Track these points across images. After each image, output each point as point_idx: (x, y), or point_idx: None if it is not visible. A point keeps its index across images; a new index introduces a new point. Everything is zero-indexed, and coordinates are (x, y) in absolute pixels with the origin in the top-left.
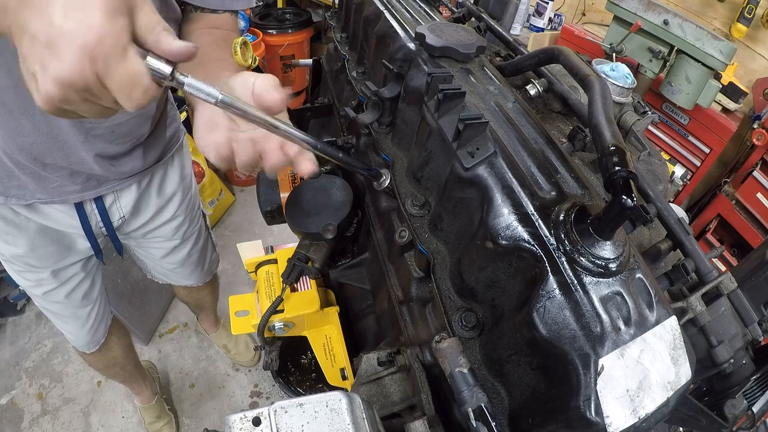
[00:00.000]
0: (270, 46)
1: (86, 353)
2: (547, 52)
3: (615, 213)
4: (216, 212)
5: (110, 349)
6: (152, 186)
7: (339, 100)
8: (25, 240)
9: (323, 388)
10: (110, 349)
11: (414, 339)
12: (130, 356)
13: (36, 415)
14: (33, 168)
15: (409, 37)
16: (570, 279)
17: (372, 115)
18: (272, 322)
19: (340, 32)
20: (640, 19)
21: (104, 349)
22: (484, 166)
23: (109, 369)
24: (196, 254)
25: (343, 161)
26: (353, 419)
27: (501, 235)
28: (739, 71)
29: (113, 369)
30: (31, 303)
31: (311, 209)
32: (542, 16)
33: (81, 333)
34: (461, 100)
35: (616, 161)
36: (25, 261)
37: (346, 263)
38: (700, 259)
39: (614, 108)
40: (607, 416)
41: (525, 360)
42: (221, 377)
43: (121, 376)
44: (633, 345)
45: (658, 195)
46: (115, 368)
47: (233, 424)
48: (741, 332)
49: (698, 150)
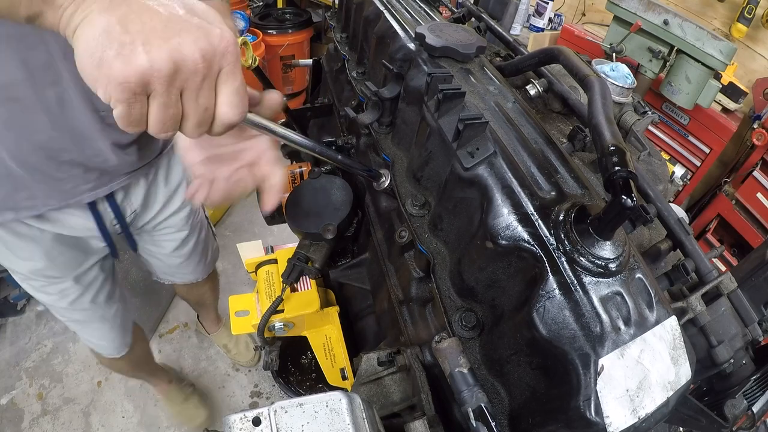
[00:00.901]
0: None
1: (116, 358)
2: (547, 52)
3: (615, 213)
4: (216, 212)
5: (136, 348)
6: (159, 177)
7: (339, 100)
8: (42, 252)
9: (323, 388)
10: (136, 348)
11: (414, 339)
12: (149, 351)
13: (36, 415)
14: (46, 170)
15: (409, 37)
16: (570, 279)
17: (372, 115)
18: (272, 322)
19: (340, 32)
20: (640, 19)
21: (133, 348)
22: (484, 166)
23: (136, 369)
24: (201, 245)
25: (343, 163)
26: (353, 419)
27: (501, 235)
28: (739, 71)
29: (140, 368)
30: (31, 303)
31: (311, 209)
32: (542, 16)
33: (112, 335)
34: (461, 100)
35: (616, 161)
36: (45, 274)
37: (346, 263)
38: (700, 259)
39: (614, 108)
40: (607, 416)
41: (525, 360)
42: (221, 377)
43: (146, 371)
44: (633, 345)
45: (658, 195)
46: (141, 366)
47: (233, 424)
48: (741, 332)
49: (698, 150)
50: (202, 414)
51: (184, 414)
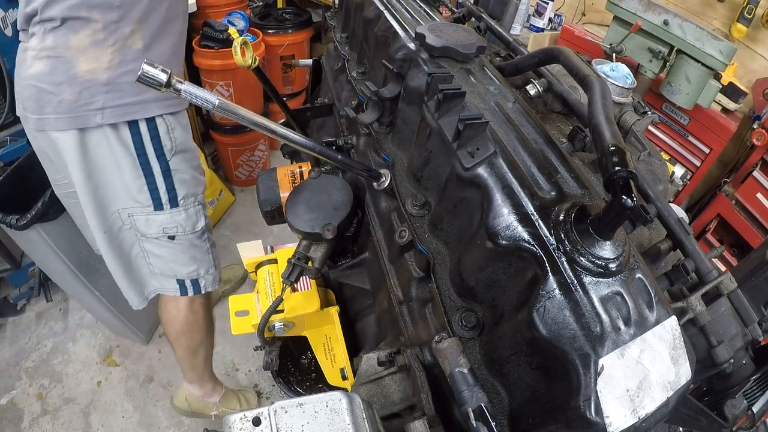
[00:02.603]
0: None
1: (207, 294)
2: (547, 52)
3: (615, 213)
4: (216, 212)
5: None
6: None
7: (339, 100)
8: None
9: (323, 388)
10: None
11: (414, 339)
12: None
13: (36, 415)
14: None
15: (409, 37)
16: (570, 279)
17: (372, 115)
18: (272, 322)
19: (340, 32)
20: (640, 19)
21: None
22: (484, 166)
23: (209, 325)
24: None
25: (343, 163)
26: (353, 419)
27: (501, 235)
28: (739, 71)
29: (210, 328)
30: (31, 303)
31: (311, 209)
32: (542, 16)
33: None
34: (461, 100)
35: (616, 161)
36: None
37: (346, 263)
38: (700, 259)
39: (614, 108)
40: (607, 416)
41: (525, 360)
42: (221, 377)
43: (210, 343)
44: (633, 345)
45: (658, 195)
46: (210, 325)
47: (233, 424)
48: (741, 332)
49: (698, 150)
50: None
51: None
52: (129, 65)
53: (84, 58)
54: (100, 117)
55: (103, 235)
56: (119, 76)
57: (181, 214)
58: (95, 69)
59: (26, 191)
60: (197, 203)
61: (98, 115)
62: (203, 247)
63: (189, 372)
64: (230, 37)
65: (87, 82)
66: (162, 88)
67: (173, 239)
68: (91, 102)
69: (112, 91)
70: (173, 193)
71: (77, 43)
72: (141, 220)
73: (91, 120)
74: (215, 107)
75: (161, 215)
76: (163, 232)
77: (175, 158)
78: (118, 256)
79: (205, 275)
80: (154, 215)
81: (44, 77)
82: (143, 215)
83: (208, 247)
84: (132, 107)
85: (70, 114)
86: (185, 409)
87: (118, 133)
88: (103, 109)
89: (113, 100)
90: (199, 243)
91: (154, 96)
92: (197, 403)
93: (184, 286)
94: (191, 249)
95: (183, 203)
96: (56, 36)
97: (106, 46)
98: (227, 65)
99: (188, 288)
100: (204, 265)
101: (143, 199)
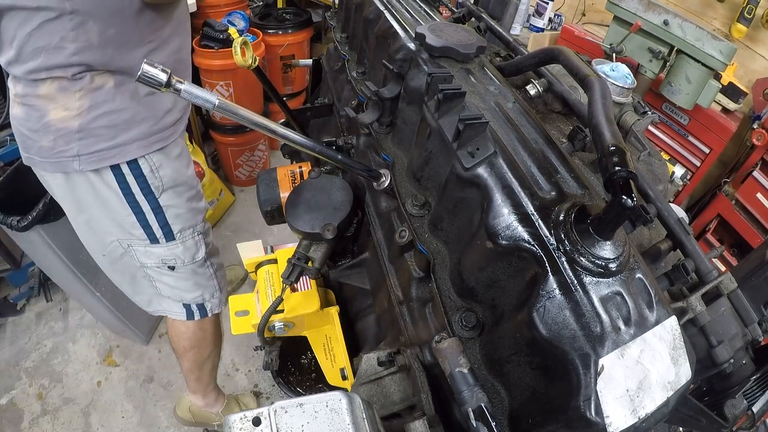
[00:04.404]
0: (270, 46)
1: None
2: (547, 53)
3: (615, 213)
4: (216, 212)
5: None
6: None
7: (339, 100)
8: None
9: (323, 388)
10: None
11: (414, 339)
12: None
13: (36, 415)
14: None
15: (409, 37)
16: (570, 279)
17: (372, 115)
18: (272, 322)
19: (340, 32)
20: (640, 19)
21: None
22: (484, 166)
23: (217, 339)
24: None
25: (343, 163)
26: (353, 419)
27: (501, 235)
28: (739, 71)
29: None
30: (31, 303)
31: (311, 209)
32: (542, 17)
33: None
34: (461, 100)
35: (616, 161)
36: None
37: (346, 263)
38: (700, 259)
39: (614, 108)
40: (607, 416)
41: (525, 360)
42: (221, 377)
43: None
44: (633, 345)
45: (658, 195)
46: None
47: (233, 424)
48: (741, 332)
49: (698, 150)
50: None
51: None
52: (101, 108)
53: (54, 106)
54: (77, 164)
55: (102, 257)
56: (91, 121)
57: (179, 247)
58: (65, 117)
59: (26, 191)
60: (196, 233)
61: (75, 161)
62: (206, 273)
63: (194, 383)
64: (230, 37)
65: (59, 130)
66: (162, 88)
67: (173, 269)
68: (66, 150)
69: (85, 137)
70: (167, 228)
71: (45, 92)
72: (140, 251)
73: (69, 166)
74: (215, 107)
75: (158, 248)
76: (162, 262)
77: (165, 195)
78: (120, 274)
79: (211, 299)
80: (151, 247)
81: (23, 122)
82: (141, 246)
83: (212, 273)
84: (108, 152)
85: (51, 159)
86: (189, 419)
87: (101, 177)
88: (78, 156)
89: (87, 147)
90: (202, 270)
91: (133, 136)
92: (201, 414)
93: (190, 311)
94: (194, 276)
95: (180, 236)
96: (25, 85)
97: (73, 92)
98: (227, 65)
99: (194, 312)
100: (209, 290)
101: (138, 234)
